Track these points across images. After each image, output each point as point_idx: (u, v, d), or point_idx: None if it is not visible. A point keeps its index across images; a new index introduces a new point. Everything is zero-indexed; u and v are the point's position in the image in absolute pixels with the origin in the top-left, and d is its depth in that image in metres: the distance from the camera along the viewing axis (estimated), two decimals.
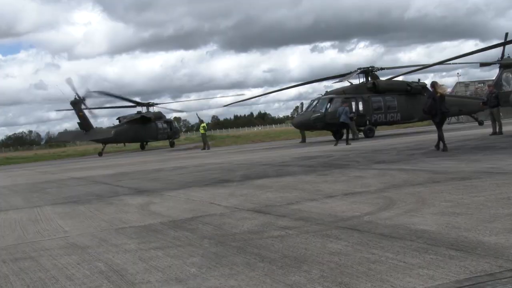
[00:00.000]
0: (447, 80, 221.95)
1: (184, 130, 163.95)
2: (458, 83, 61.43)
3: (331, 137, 33.78)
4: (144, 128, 40.20)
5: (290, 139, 43.81)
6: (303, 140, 33.22)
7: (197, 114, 45.78)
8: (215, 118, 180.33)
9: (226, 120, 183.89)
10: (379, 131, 41.01)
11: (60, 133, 41.89)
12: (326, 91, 33.01)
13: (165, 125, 43.18)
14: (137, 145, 46.13)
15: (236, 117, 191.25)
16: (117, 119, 42.80)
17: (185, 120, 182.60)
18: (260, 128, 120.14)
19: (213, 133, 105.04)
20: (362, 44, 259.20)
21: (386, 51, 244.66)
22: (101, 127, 40.54)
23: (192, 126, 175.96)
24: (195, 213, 6.66)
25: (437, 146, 14.55)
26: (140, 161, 26.04)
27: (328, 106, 30.33)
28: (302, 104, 34.62)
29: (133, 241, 5.20)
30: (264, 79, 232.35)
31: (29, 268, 4.51)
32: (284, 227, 5.22)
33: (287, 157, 17.78)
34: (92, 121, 39.25)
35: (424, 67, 30.94)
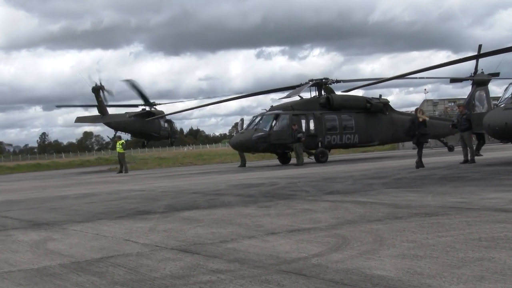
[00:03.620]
0: (414, 97, 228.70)
1: (96, 148, 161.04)
2: (425, 101, 63.52)
3: (276, 161, 34.08)
4: (149, 123, 44.89)
5: (227, 163, 43.78)
6: (243, 164, 33.34)
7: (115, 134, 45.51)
8: None
9: None
10: (333, 155, 41.69)
11: (78, 117, 47.91)
12: (272, 106, 33.38)
13: (166, 124, 47.71)
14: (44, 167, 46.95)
15: None
16: (125, 113, 47.49)
17: (97, 136, 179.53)
18: (191, 148, 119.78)
19: (133, 153, 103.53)
20: (317, 50, 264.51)
21: (345, 60, 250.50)
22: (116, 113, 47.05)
23: (107, 143, 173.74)
24: (106, 253, 6.50)
25: (419, 164, 19.04)
26: (40, 186, 25.31)
27: (273, 124, 30.64)
28: (242, 120, 34.82)
29: None
30: (199, 89, 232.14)
31: None
32: (215, 270, 5.17)
33: (222, 184, 17.72)
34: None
35: (386, 80, 31.88)
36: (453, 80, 33.66)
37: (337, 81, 33.72)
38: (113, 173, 36.69)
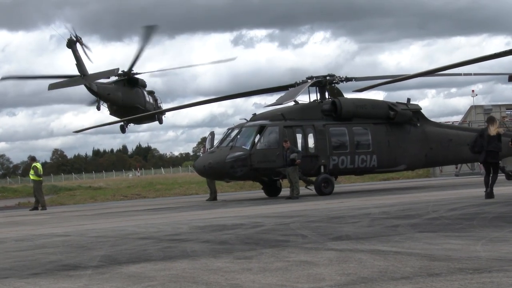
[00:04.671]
0: (458, 102, 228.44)
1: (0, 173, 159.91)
2: (473, 108, 63.89)
3: (261, 193, 34.04)
4: (135, 92, 46.43)
5: (190, 195, 43.62)
6: (213, 197, 33.25)
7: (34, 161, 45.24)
8: (58, 155, 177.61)
9: (78, 158, 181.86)
10: (342, 184, 41.69)
11: (51, 84, 49.20)
12: (254, 114, 33.35)
13: (150, 96, 49.43)
14: None
15: (97, 153, 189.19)
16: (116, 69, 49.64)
17: (1, 156, 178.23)
18: (138, 174, 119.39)
19: (54, 180, 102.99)
20: (319, 35, 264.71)
21: (359, 49, 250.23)
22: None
23: (17, 166, 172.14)
24: None
25: (488, 194, 20.29)
26: None
27: (256, 140, 30.63)
28: (213, 134, 34.75)
29: None
30: (150, 88, 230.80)
31: None
32: None
33: (183, 225, 17.69)
34: None
35: (418, 76, 32.03)
36: None
37: (348, 79, 33.84)
38: (25, 209, 36.39)
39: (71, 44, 45.80)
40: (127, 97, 47.55)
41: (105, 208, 32.91)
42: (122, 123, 52.29)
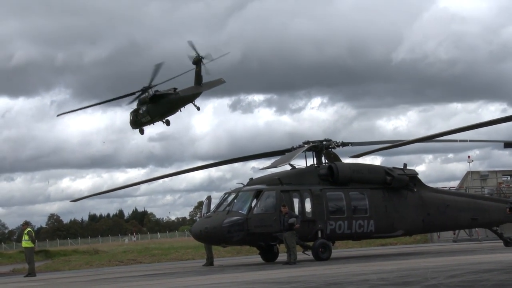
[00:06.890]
0: (455, 167, 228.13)
1: None
2: (469, 174, 63.97)
3: (258, 258, 33.83)
4: None
5: (187, 260, 43.31)
6: (209, 262, 33.01)
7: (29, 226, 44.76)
8: (53, 220, 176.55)
9: (74, 222, 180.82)
10: (339, 249, 41.51)
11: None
12: (251, 179, 33.28)
13: None
14: None
15: (93, 218, 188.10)
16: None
17: None
18: (134, 239, 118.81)
19: (49, 246, 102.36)
20: (317, 100, 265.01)
21: (357, 114, 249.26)
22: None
23: (12, 232, 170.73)
24: None
25: None
26: None
27: (253, 204, 30.53)
28: (209, 199, 34.63)
29: None
30: (148, 154, 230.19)
31: None
32: None
33: None
34: None
35: (415, 142, 32.09)
36: (509, 145, 34.00)
37: (344, 144, 33.84)
38: (20, 276, 36.11)
39: (198, 61, 48.92)
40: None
41: (100, 274, 32.68)
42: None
